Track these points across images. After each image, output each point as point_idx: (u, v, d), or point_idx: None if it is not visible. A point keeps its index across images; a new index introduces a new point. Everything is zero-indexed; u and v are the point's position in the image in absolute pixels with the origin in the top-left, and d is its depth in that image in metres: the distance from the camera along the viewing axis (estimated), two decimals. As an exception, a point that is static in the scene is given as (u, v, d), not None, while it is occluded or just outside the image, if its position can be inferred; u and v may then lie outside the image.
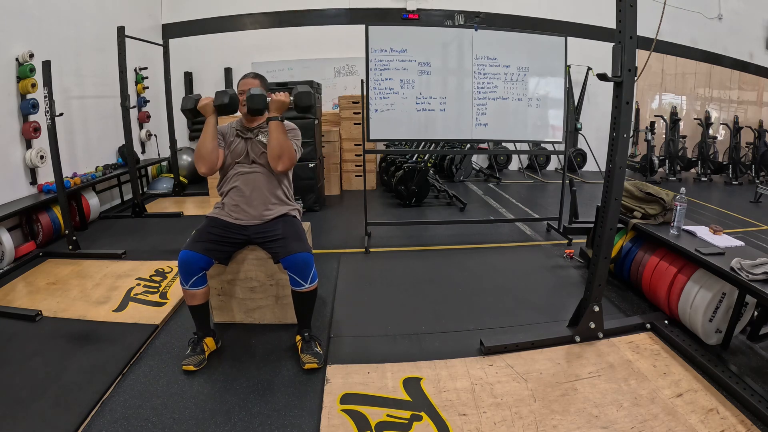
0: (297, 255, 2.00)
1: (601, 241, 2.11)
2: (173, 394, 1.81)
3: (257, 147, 2.16)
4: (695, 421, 1.64)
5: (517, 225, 4.26)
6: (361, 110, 5.36)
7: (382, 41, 3.41)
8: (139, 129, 5.64)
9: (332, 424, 1.64)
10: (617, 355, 2.06)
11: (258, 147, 2.16)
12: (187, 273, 1.99)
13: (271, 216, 2.17)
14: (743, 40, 7.22)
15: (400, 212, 4.79)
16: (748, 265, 1.88)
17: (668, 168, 6.72)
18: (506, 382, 1.88)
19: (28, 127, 3.64)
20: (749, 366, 1.98)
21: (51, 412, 1.69)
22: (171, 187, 5.56)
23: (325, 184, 5.40)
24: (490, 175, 6.62)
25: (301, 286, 2.02)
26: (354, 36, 4.72)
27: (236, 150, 2.17)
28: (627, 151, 2.05)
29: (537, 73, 3.66)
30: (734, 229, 4.10)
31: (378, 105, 3.48)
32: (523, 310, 2.57)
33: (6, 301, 2.63)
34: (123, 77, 4.26)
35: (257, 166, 2.16)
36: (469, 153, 6.38)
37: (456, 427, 1.63)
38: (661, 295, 2.38)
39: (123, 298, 2.65)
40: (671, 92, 7.50)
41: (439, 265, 3.30)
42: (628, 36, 1.89)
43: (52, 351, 2.11)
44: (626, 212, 2.75)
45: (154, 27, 6.31)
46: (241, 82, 2.18)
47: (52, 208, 3.66)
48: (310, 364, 1.96)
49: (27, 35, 3.69)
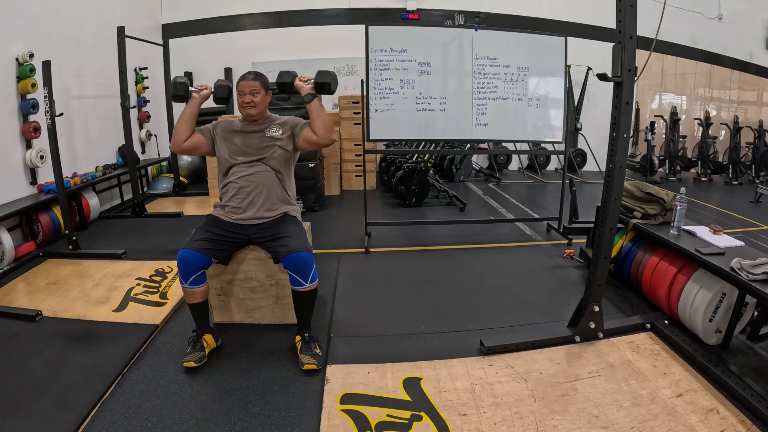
0: (297, 254, 1.99)
1: (601, 241, 2.11)
2: (173, 394, 1.81)
3: (267, 142, 2.17)
4: (695, 421, 1.64)
5: (517, 225, 4.26)
6: (361, 110, 5.36)
7: (382, 41, 3.41)
8: (139, 129, 5.64)
9: (332, 424, 1.64)
10: (617, 355, 2.06)
11: (268, 142, 2.17)
12: (186, 271, 1.99)
13: (272, 216, 2.17)
14: (743, 40, 7.22)
15: (400, 212, 4.79)
16: (748, 265, 1.88)
17: (668, 168, 6.72)
18: (506, 382, 1.88)
19: (28, 127, 3.64)
20: (749, 366, 1.98)
21: (51, 412, 1.69)
22: (171, 187, 5.56)
23: (325, 184, 5.39)
24: (490, 175, 6.62)
25: (302, 286, 2.02)
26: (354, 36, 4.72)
27: (236, 145, 2.17)
28: (627, 151, 2.05)
29: (537, 73, 3.66)
30: (734, 229, 4.09)
31: (378, 105, 3.48)
32: (523, 310, 2.57)
33: (6, 301, 2.63)
34: (123, 77, 4.26)
35: (261, 166, 2.16)
36: (469, 153, 6.38)
37: (456, 427, 1.63)
38: (661, 295, 2.38)
39: (123, 298, 2.65)
40: (671, 92, 7.50)
41: (439, 265, 3.30)
42: (628, 36, 1.89)
43: (52, 351, 2.11)
44: (626, 212, 2.75)
45: (154, 27, 6.31)
46: (241, 84, 2.15)
47: (52, 208, 3.66)
48: (309, 365, 1.95)
49: (27, 35, 3.69)
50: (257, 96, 2.14)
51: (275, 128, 2.20)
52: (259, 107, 2.16)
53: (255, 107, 2.15)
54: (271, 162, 2.17)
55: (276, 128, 2.20)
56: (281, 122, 2.23)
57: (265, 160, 2.16)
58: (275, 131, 2.19)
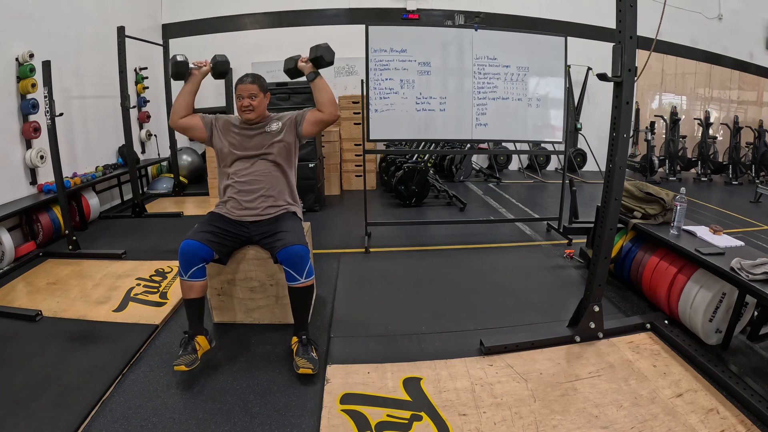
0: (291, 248, 1.98)
1: (601, 241, 2.11)
2: (173, 394, 1.81)
3: (267, 137, 2.19)
4: (695, 421, 1.64)
5: (517, 225, 4.26)
6: (361, 110, 5.35)
7: (382, 41, 3.41)
8: (139, 129, 5.63)
9: (332, 424, 1.64)
10: (617, 355, 2.06)
11: (268, 137, 2.19)
12: (187, 263, 1.98)
13: (273, 213, 2.18)
14: (743, 40, 7.22)
15: (400, 212, 4.79)
16: (748, 265, 1.88)
17: (668, 168, 6.72)
18: (506, 382, 1.88)
19: (28, 127, 3.64)
20: (749, 366, 1.98)
21: (51, 412, 1.69)
22: (171, 187, 5.56)
23: (325, 184, 5.39)
24: (490, 175, 6.61)
25: (296, 281, 1.99)
26: (354, 36, 4.72)
27: (236, 141, 2.19)
28: (627, 151, 2.05)
29: (537, 73, 3.66)
30: (734, 229, 4.09)
31: (378, 105, 3.48)
32: (523, 310, 2.57)
33: (6, 301, 2.63)
34: (123, 77, 4.26)
35: (262, 162, 2.17)
36: (469, 153, 6.38)
37: (456, 427, 1.63)
38: (661, 295, 2.38)
39: (123, 298, 2.65)
40: (671, 92, 7.50)
41: (439, 265, 3.30)
42: (628, 36, 1.89)
43: (52, 351, 2.11)
44: (626, 212, 2.75)
45: (154, 27, 6.31)
46: (239, 87, 2.16)
47: (52, 208, 3.66)
48: (305, 369, 1.89)
49: (27, 35, 3.69)
50: (255, 99, 2.16)
51: (274, 123, 2.23)
52: (258, 111, 2.18)
53: (253, 111, 2.17)
54: (271, 156, 2.18)
55: (275, 123, 2.23)
56: (279, 116, 2.27)
57: (266, 155, 2.17)
58: (274, 125, 2.22)
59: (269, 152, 2.17)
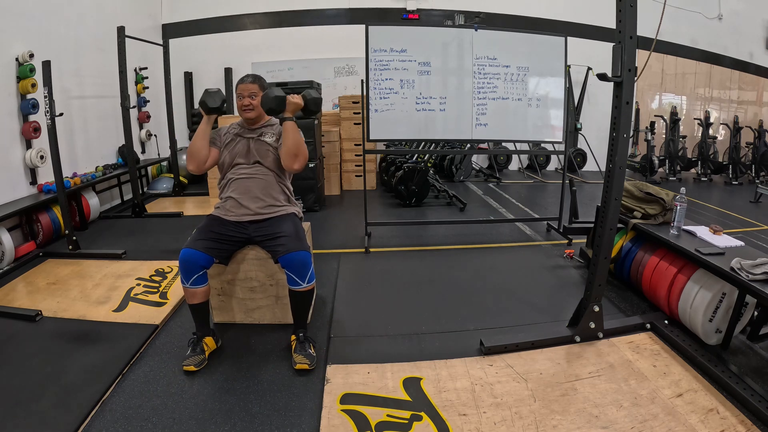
0: (295, 254, 2.00)
1: (601, 241, 2.11)
2: (173, 394, 1.81)
3: (262, 146, 2.19)
4: (695, 421, 1.64)
5: (517, 225, 4.26)
6: (361, 110, 5.36)
7: (382, 41, 3.41)
8: (139, 129, 5.64)
9: (332, 424, 1.64)
10: (617, 355, 2.06)
11: (263, 146, 2.19)
12: (187, 271, 1.99)
13: (271, 214, 2.18)
14: (743, 40, 7.22)
15: (400, 212, 4.79)
16: (748, 265, 1.88)
17: (668, 168, 6.72)
18: (506, 382, 1.88)
19: (28, 127, 3.64)
20: (749, 366, 1.98)
21: (51, 412, 1.69)
22: (171, 187, 5.56)
23: (325, 184, 5.40)
24: (490, 175, 6.62)
25: (299, 286, 2.02)
26: (354, 36, 4.73)
27: (236, 150, 2.20)
28: (627, 151, 2.05)
29: (537, 73, 3.66)
30: (734, 229, 4.09)
31: (378, 105, 3.48)
32: (523, 310, 2.57)
33: (6, 301, 2.63)
34: (123, 77, 4.26)
35: (259, 166, 2.19)
36: (469, 153, 6.38)
37: (456, 427, 1.63)
38: (661, 295, 2.38)
39: (123, 298, 2.65)
40: (671, 92, 7.50)
41: (439, 265, 3.30)
42: (628, 36, 1.89)
43: (52, 351, 2.11)
44: (626, 212, 2.75)
45: (154, 27, 6.31)
46: (240, 87, 2.19)
47: (52, 208, 3.66)
48: (302, 365, 1.95)
49: (27, 35, 3.69)
50: (255, 99, 2.18)
51: (269, 134, 2.23)
52: (258, 110, 2.20)
53: (253, 110, 2.19)
54: (266, 163, 2.20)
55: (270, 134, 2.23)
56: (275, 128, 2.27)
57: (263, 162, 2.20)
58: (269, 137, 2.22)
59: (264, 160, 2.19)
